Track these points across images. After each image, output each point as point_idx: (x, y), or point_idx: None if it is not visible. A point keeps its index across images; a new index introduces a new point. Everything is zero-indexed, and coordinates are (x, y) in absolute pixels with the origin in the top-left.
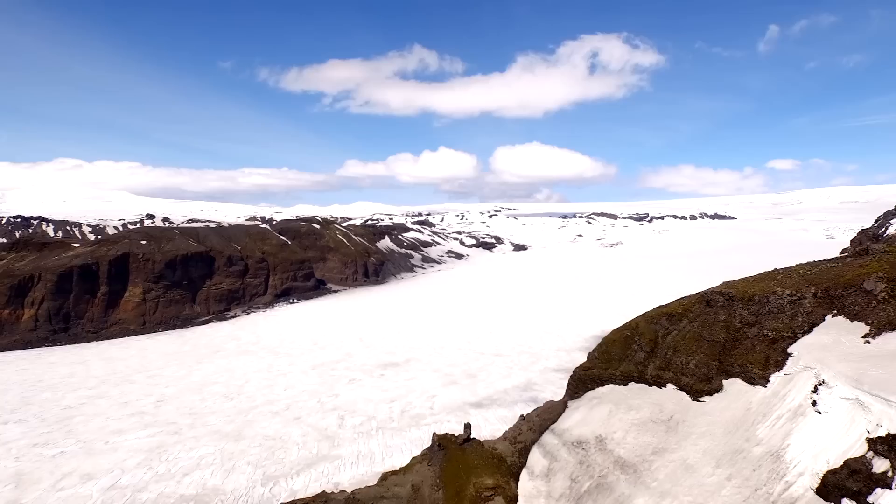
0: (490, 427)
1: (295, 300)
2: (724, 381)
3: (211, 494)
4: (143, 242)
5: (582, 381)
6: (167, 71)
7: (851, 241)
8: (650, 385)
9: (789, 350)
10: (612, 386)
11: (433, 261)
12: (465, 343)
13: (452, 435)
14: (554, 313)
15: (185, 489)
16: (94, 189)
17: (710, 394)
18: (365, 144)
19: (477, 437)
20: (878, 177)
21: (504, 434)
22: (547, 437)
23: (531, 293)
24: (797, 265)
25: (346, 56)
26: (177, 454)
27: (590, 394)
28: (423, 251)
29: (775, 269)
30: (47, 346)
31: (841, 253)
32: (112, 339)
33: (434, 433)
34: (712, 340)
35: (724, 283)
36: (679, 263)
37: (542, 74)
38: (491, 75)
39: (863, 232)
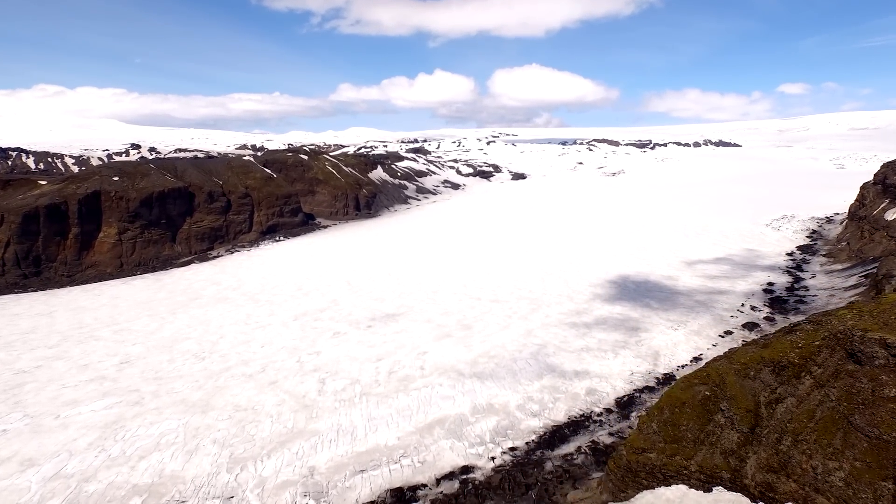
0: (486, 393)
1: (281, 237)
2: None
3: (168, 484)
4: (116, 179)
5: (631, 473)
6: None
7: (875, 174)
8: (754, 500)
9: None
10: (683, 488)
11: (428, 191)
12: (460, 287)
13: None
14: (556, 251)
15: (138, 477)
16: (78, 117)
17: None
18: (358, 67)
19: None
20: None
21: None
22: None
23: (531, 228)
24: None
25: None
26: (135, 431)
27: (646, 497)
28: (417, 181)
29: None
30: (17, 291)
31: (862, 188)
32: (87, 283)
33: None
34: (876, 437)
35: (866, 313)
36: (685, 194)
37: None
38: None
39: (888, 165)
